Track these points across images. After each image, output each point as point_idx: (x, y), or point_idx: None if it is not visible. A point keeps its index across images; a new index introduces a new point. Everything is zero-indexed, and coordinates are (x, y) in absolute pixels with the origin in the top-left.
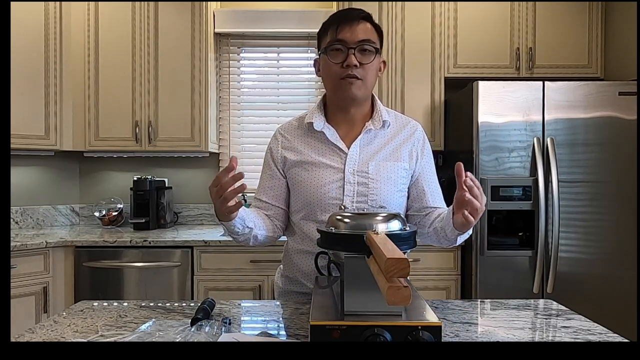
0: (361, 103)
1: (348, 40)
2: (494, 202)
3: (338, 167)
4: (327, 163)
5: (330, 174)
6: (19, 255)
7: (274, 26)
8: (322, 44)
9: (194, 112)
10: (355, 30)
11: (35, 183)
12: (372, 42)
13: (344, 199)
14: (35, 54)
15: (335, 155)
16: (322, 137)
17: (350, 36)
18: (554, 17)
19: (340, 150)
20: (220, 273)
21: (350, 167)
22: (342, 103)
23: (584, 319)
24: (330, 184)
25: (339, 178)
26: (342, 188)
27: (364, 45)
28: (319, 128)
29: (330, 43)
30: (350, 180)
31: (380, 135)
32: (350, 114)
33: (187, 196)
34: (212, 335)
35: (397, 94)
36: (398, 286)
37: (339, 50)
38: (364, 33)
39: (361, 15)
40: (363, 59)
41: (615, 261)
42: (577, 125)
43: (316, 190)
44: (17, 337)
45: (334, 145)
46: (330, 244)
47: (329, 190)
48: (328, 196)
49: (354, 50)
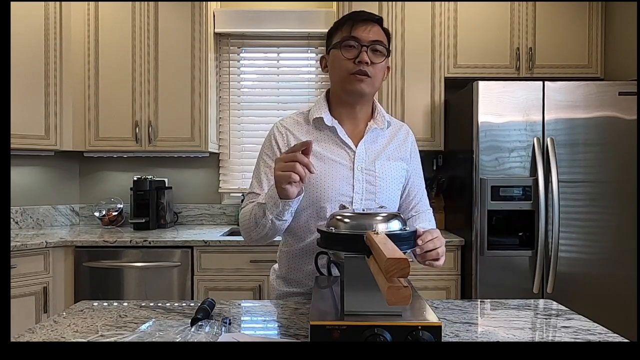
0: (367, 101)
1: (362, 38)
2: (494, 202)
3: (347, 165)
4: (337, 160)
5: (340, 171)
6: (19, 255)
7: (274, 26)
8: (334, 40)
9: (194, 112)
10: (369, 30)
11: (35, 183)
12: (383, 44)
13: (353, 196)
14: (35, 54)
15: (342, 152)
16: (331, 133)
17: (364, 35)
18: (554, 17)
19: (348, 147)
20: (220, 273)
21: (359, 165)
22: (350, 99)
23: (584, 319)
24: (340, 180)
25: (348, 175)
26: (352, 185)
27: (376, 46)
28: (330, 123)
29: (344, 39)
30: (359, 178)
31: (381, 135)
32: (355, 110)
33: (187, 196)
34: (212, 335)
35: (397, 94)
36: (398, 286)
37: (352, 47)
38: (377, 35)
39: (375, 18)
40: (374, 58)
41: (615, 261)
42: (577, 125)
43: (327, 187)
44: (17, 337)
45: (343, 142)
46: (330, 244)
47: (339, 187)
48: (339, 193)
49: (367, 48)
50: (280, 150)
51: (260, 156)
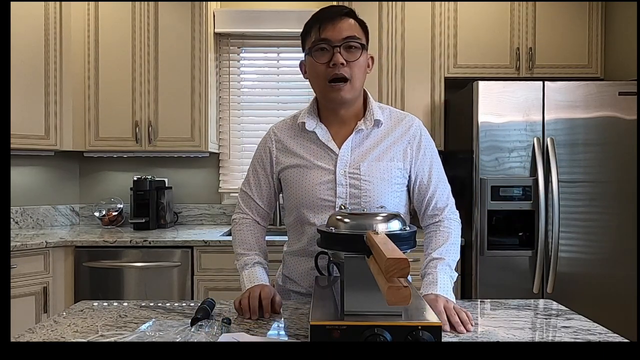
0: (351, 104)
1: (332, 38)
2: (494, 202)
3: (329, 169)
4: (318, 164)
5: (321, 175)
6: (19, 255)
7: (273, 26)
8: (306, 45)
9: (194, 112)
10: (338, 27)
11: (35, 183)
12: (357, 39)
13: (336, 200)
14: (35, 54)
15: (326, 156)
16: (314, 137)
17: (334, 34)
18: (554, 17)
19: (330, 151)
20: (220, 273)
21: (341, 169)
22: (331, 105)
23: (584, 319)
24: (321, 185)
25: (330, 180)
26: (334, 190)
27: (349, 42)
28: (311, 128)
29: (314, 43)
30: (341, 181)
31: (372, 134)
32: (340, 114)
33: (187, 196)
34: (212, 335)
35: (397, 94)
36: (398, 286)
37: (324, 50)
38: (348, 29)
39: (343, 11)
40: (349, 57)
41: (615, 261)
42: (577, 125)
43: (307, 191)
44: (17, 337)
45: (325, 146)
46: (330, 244)
47: (319, 192)
48: (319, 198)
49: (339, 48)
50: (270, 161)
51: (253, 158)
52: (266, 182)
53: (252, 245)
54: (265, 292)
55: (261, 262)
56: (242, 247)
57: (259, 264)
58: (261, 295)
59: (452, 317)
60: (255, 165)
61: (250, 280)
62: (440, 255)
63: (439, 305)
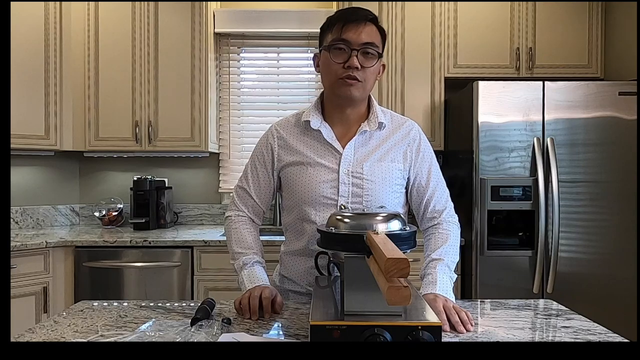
0: (358, 104)
1: (352, 41)
2: (494, 202)
3: (332, 167)
4: (322, 162)
5: (324, 174)
6: (19, 255)
7: (274, 26)
8: (325, 40)
9: (194, 112)
10: (360, 31)
11: (35, 183)
12: (375, 46)
13: (338, 199)
14: (35, 54)
15: (330, 155)
16: (318, 136)
17: (354, 37)
18: (554, 17)
19: (335, 150)
20: (220, 273)
21: (345, 168)
22: (339, 101)
23: (584, 319)
24: (324, 183)
25: (333, 178)
26: (337, 188)
27: (367, 49)
28: (316, 126)
29: (334, 41)
30: (344, 180)
31: (375, 136)
32: (345, 113)
33: (187, 196)
34: (212, 335)
35: (397, 94)
36: (398, 286)
37: (341, 50)
38: (369, 36)
39: (368, 17)
40: (365, 62)
41: (615, 261)
42: (577, 125)
43: (310, 189)
44: (17, 337)
45: (330, 145)
46: (330, 244)
47: (323, 190)
48: (322, 196)
49: (357, 52)
50: (271, 158)
51: (253, 154)
52: (265, 179)
53: (250, 244)
54: (266, 293)
55: (260, 261)
56: (240, 245)
57: (258, 263)
58: (262, 296)
59: (452, 316)
60: (254, 161)
61: (251, 280)
62: (439, 256)
63: (439, 304)
